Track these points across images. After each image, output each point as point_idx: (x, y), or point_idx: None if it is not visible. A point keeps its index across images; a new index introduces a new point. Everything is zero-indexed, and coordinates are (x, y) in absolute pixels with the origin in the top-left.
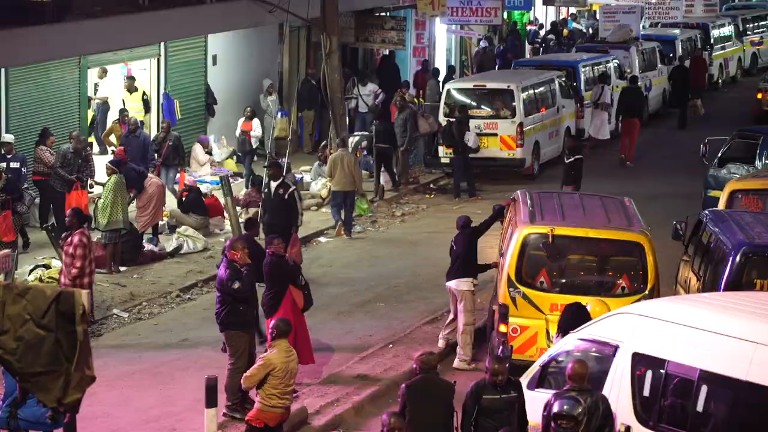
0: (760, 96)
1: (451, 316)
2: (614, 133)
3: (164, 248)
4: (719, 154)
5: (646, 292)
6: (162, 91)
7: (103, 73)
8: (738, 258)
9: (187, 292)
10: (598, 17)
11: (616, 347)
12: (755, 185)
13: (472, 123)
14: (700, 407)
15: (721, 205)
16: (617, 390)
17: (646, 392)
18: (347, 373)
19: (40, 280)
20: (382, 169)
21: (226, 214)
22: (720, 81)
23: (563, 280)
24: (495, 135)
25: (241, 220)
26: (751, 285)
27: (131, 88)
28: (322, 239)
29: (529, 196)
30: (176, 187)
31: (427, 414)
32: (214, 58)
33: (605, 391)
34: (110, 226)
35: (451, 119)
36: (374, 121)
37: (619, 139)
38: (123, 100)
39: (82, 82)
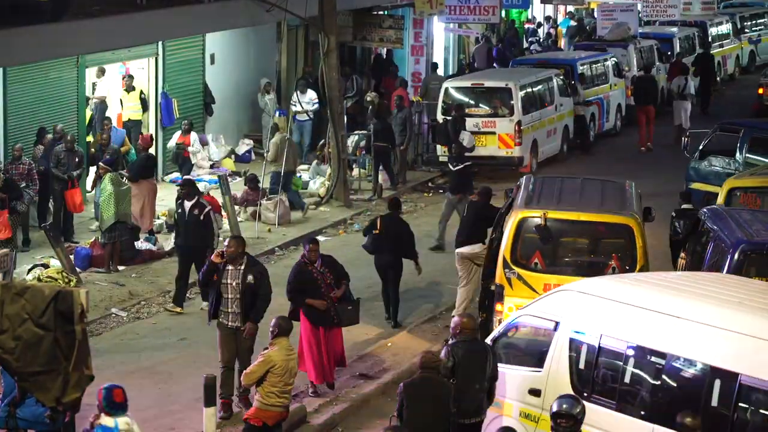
0: (761, 91)
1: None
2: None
3: (162, 247)
4: (700, 147)
5: (636, 272)
6: (160, 90)
7: (101, 72)
8: (737, 255)
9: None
10: (595, 15)
11: (557, 323)
12: (754, 183)
13: (471, 121)
14: (627, 379)
15: (720, 203)
16: (557, 364)
17: (582, 365)
18: (346, 372)
19: (39, 279)
20: (381, 168)
21: (224, 213)
22: (718, 79)
23: (556, 261)
24: (493, 133)
25: (239, 218)
26: None
27: (129, 88)
28: (320, 238)
29: (532, 182)
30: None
31: (424, 413)
32: (212, 57)
33: (547, 365)
34: (118, 218)
35: (447, 118)
36: (372, 119)
37: (635, 129)
38: (120, 100)
39: (80, 82)
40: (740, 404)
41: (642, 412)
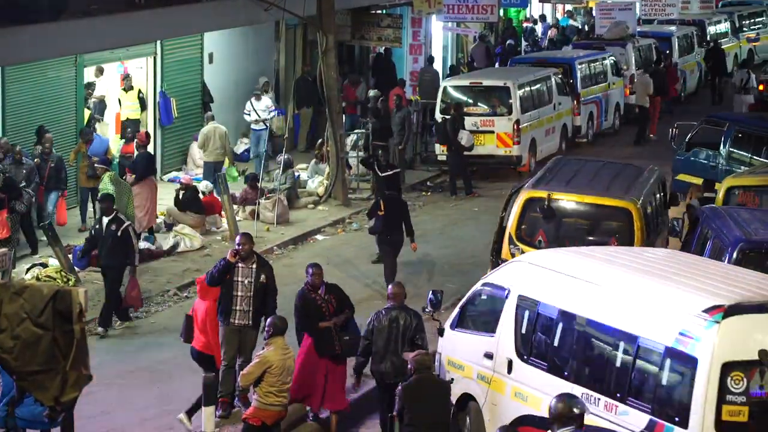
0: (761, 88)
1: None
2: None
3: (161, 246)
4: (686, 139)
5: None
6: (158, 89)
7: (99, 71)
8: (735, 254)
9: (184, 290)
10: (594, 14)
11: (508, 291)
12: (752, 182)
13: (469, 120)
14: (556, 342)
15: (719, 202)
16: (506, 329)
17: (524, 330)
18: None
19: (38, 278)
20: None
21: (222, 212)
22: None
23: (559, 240)
24: (492, 132)
25: (238, 218)
26: None
27: (127, 87)
28: (319, 237)
29: (554, 163)
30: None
31: (424, 414)
32: (211, 56)
33: (499, 330)
34: None
35: (446, 117)
36: (370, 119)
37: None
38: (119, 99)
39: (78, 81)
40: (638, 364)
41: (565, 373)
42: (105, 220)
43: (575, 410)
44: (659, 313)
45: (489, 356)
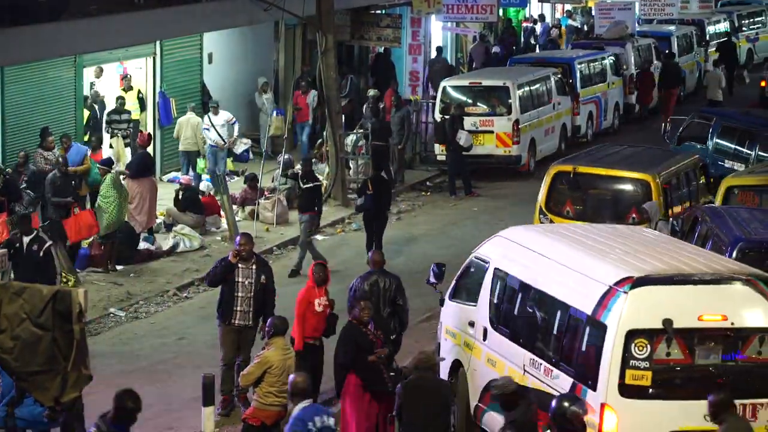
0: (763, 84)
1: None
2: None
3: (161, 247)
4: (678, 133)
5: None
6: (158, 89)
7: (100, 72)
8: (735, 254)
9: (184, 290)
10: (593, 14)
11: (488, 263)
12: (751, 181)
13: (469, 120)
14: (516, 311)
15: (718, 201)
16: (484, 299)
17: (495, 300)
18: None
19: None
20: None
21: (222, 213)
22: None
23: (584, 210)
24: (491, 132)
25: (237, 218)
26: None
27: (127, 87)
28: (318, 237)
29: (596, 147)
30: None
31: (424, 413)
32: (210, 56)
33: (479, 300)
34: (108, 229)
35: (446, 117)
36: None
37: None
38: (117, 99)
39: (77, 81)
40: (568, 331)
41: (520, 340)
42: (25, 239)
43: (567, 414)
44: (586, 284)
45: (471, 324)
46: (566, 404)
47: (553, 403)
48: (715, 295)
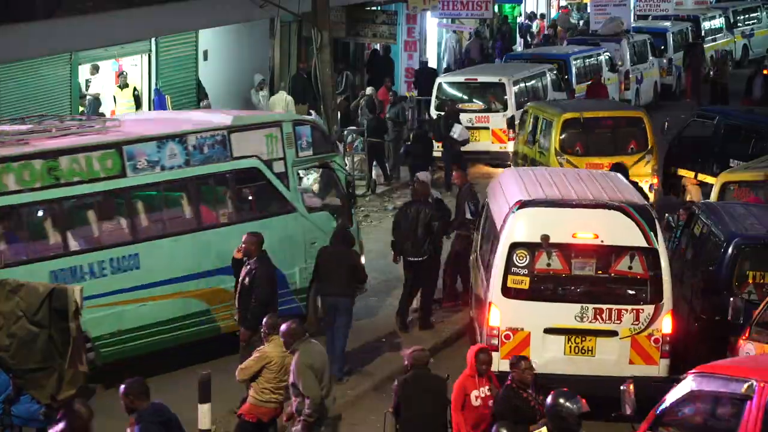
0: (766, 72)
1: None
2: None
3: None
4: (679, 133)
5: (648, 148)
6: (153, 86)
7: (95, 69)
8: (731, 249)
9: None
10: (588, 10)
11: (486, 199)
12: (747, 177)
13: (464, 116)
14: (482, 232)
15: (714, 197)
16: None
17: (481, 230)
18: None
19: None
20: (374, 163)
21: None
22: (710, 73)
23: (592, 146)
24: (487, 128)
25: None
26: (744, 277)
27: (122, 84)
28: None
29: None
30: None
31: (421, 409)
32: (205, 53)
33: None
34: None
35: (441, 113)
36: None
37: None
38: (114, 96)
39: (72, 79)
40: (492, 244)
41: (482, 254)
42: None
43: (563, 412)
44: (502, 207)
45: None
46: (562, 401)
47: (549, 399)
48: (591, 218)
